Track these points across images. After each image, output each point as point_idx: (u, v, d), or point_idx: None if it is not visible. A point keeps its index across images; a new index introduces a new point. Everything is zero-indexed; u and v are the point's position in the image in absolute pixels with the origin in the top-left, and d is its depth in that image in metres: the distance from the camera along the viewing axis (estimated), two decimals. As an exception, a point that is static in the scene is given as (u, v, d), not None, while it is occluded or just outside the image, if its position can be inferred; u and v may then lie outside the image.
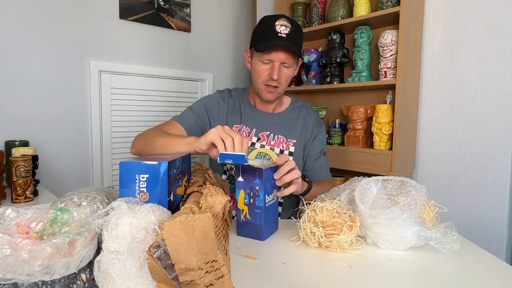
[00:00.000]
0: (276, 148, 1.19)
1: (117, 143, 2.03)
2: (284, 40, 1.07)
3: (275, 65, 1.10)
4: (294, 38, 1.09)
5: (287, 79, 1.15)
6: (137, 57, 2.09)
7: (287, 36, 1.07)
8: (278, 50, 1.08)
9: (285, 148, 1.19)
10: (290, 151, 1.20)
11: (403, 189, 0.82)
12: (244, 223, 0.84)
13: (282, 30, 1.07)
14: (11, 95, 1.68)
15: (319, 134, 1.26)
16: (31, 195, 1.30)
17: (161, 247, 0.45)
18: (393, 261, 0.71)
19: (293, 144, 1.20)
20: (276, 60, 1.09)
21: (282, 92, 1.18)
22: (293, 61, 1.12)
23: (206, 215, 0.48)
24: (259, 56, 1.11)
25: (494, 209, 1.49)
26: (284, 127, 1.21)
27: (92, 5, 1.89)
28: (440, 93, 1.65)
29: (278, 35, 1.07)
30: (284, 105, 1.28)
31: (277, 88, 1.14)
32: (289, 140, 1.20)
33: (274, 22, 1.08)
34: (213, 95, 1.27)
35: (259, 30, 1.13)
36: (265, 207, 0.80)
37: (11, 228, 0.50)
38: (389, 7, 1.63)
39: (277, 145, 1.19)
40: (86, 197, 0.66)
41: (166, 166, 0.64)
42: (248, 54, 1.20)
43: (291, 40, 1.07)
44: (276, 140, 1.20)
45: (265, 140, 1.19)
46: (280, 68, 1.11)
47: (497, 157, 1.48)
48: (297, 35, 1.11)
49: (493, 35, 1.48)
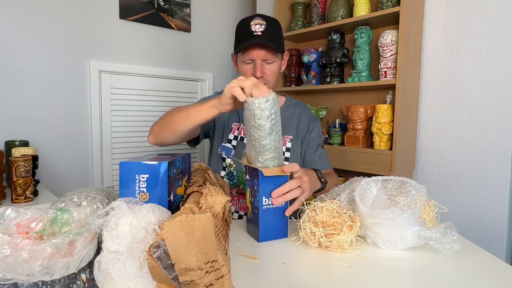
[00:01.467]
0: None
1: (117, 143, 2.04)
2: (260, 37, 1.10)
3: (256, 63, 1.13)
4: (270, 34, 1.12)
5: (273, 74, 1.17)
6: (137, 57, 2.09)
7: (262, 33, 1.10)
8: (256, 48, 1.11)
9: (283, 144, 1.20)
10: (287, 147, 1.21)
11: (403, 189, 0.81)
12: (248, 221, 0.85)
13: (257, 28, 1.11)
14: (11, 95, 1.68)
15: (315, 128, 1.28)
16: (31, 195, 1.30)
17: (161, 247, 0.45)
18: (393, 261, 0.71)
19: (289, 140, 1.22)
20: (257, 58, 1.12)
21: (272, 88, 1.19)
22: (274, 56, 1.14)
23: (206, 215, 0.48)
24: (241, 58, 1.15)
25: (494, 209, 1.49)
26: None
27: (92, 5, 1.89)
28: (440, 93, 1.64)
29: (254, 34, 1.10)
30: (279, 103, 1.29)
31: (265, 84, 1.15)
32: (285, 136, 1.21)
33: (250, 22, 1.12)
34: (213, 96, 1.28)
35: (237, 34, 1.17)
36: (261, 209, 0.79)
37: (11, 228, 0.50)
38: (389, 7, 1.63)
39: None
40: (86, 197, 0.66)
41: (166, 166, 0.64)
42: (234, 58, 1.24)
43: (267, 37, 1.11)
44: None
45: None
46: (263, 65, 1.13)
47: (497, 157, 1.48)
48: (273, 30, 1.13)
49: (493, 35, 1.48)
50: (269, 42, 1.10)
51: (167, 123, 1.03)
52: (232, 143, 1.22)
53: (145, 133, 2.20)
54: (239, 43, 1.13)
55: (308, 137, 1.26)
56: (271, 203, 0.80)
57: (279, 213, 0.82)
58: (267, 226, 0.80)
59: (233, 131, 1.23)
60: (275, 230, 0.82)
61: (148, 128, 2.10)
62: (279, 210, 0.82)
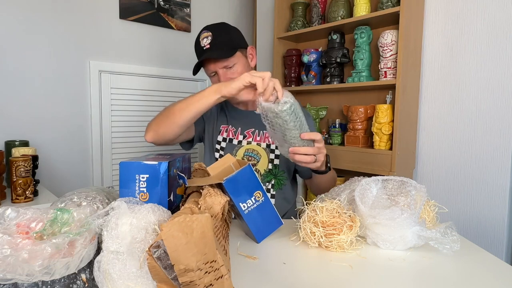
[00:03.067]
0: (262, 143, 1.21)
1: (117, 143, 2.03)
2: (209, 50, 1.12)
3: (218, 73, 1.15)
4: (218, 43, 1.13)
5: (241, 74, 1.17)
6: (137, 57, 2.09)
7: (210, 45, 1.13)
8: (210, 60, 1.14)
9: (271, 142, 1.20)
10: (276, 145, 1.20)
11: (403, 189, 0.81)
12: (242, 226, 0.84)
13: (204, 42, 1.14)
14: (11, 95, 1.68)
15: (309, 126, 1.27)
16: (31, 195, 1.30)
17: (161, 247, 0.45)
18: (393, 261, 0.71)
19: None
20: (216, 69, 1.15)
21: None
22: (232, 59, 1.14)
23: (205, 216, 0.48)
24: (207, 73, 1.19)
25: (494, 209, 1.49)
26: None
27: (92, 5, 1.89)
28: (440, 93, 1.64)
29: (204, 49, 1.13)
30: None
31: None
32: None
33: (199, 38, 1.16)
34: None
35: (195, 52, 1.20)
36: (244, 214, 0.77)
37: (11, 228, 0.50)
38: (389, 7, 1.63)
39: (262, 140, 1.21)
40: (86, 197, 0.66)
41: (166, 166, 0.64)
42: None
43: (214, 46, 1.12)
44: (262, 136, 1.21)
45: (251, 137, 1.22)
46: (225, 73, 1.15)
47: (497, 157, 1.48)
48: (220, 37, 1.14)
49: (493, 35, 1.48)
50: (216, 52, 1.12)
51: (166, 116, 1.03)
52: (221, 144, 1.23)
53: (145, 133, 2.19)
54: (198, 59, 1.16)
55: None
56: (251, 204, 0.78)
57: (262, 208, 0.79)
58: (257, 225, 0.79)
59: (222, 133, 1.24)
60: (268, 224, 0.80)
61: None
62: (261, 206, 0.79)
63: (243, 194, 0.76)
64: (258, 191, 0.79)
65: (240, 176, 0.75)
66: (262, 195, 0.79)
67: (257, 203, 0.78)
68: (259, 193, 0.79)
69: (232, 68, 1.15)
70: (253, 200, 0.78)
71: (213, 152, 1.24)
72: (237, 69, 1.16)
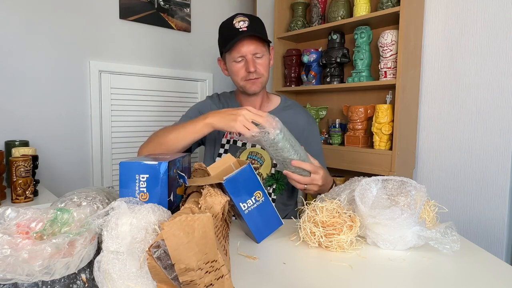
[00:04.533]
0: None
1: (117, 143, 2.03)
2: (246, 32, 1.11)
3: (247, 58, 1.13)
4: (255, 29, 1.12)
5: (266, 68, 1.17)
6: (137, 57, 2.09)
7: (248, 28, 1.11)
8: (244, 43, 1.11)
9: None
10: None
11: (403, 189, 0.81)
12: (243, 226, 0.84)
13: (241, 25, 1.11)
14: (11, 95, 1.68)
15: (310, 134, 1.25)
16: (31, 195, 1.30)
17: (161, 247, 0.45)
18: (393, 261, 0.71)
19: None
20: (247, 53, 1.13)
21: (265, 82, 1.20)
22: (263, 49, 1.15)
23: (206, 215, 0.48)
24: (230, 57, 1.15)
25: (494, 209, 1.49)
26: None
27: (92, 5, 1.89)
28: (440, 93, 1.64)
29: (240, 31, 1.11)
30: (272, 104, 1.28)
31: (258, 78, 1.16)
32: None
33: (232, 21, 1.13)
34: (204, 101, 1.31)
35: (222, 36, 1.18)
36: (244, 214, 0.77)
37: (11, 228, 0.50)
38: (389, 7, 1.63)
39: None
40: (86, 197, 0.66)
41: (166, 166, 0.64)
42: (221, 62, 1.23)
43: (252, 31, 1.11)
44: None
45: None
46: (254, 60, 1.14)
47: (497, 157, 1.48)
48: (257, 25, 1.14)
49: (493, 35, 1.48)
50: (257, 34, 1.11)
51: (160, 144, 1.04)
52: (225, 147, 1.22)
53: (145, 133, 2.19)
54: (227, 41, 1.13)
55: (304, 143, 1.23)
56: (251, 204, 0.78)
57: (262, 208, 0.79)
58: (257, 225, 0.79)
59: (226, 135, 1.24)
60: (268, 224, 0.80)
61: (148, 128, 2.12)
62: (261, 206, 0.79)
63: (243, 194, 0.76)
64: (258, 191, 0.78)
65: (240, 175, 0.75)
66: (262, 195, 0.79)
67: (257, 203, 0.78)
68: (259, 193, 0.79)
69: (260, 59, 1.14)
70: (253, 200, 0.78)
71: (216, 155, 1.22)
72: (264, 61, 1.16)
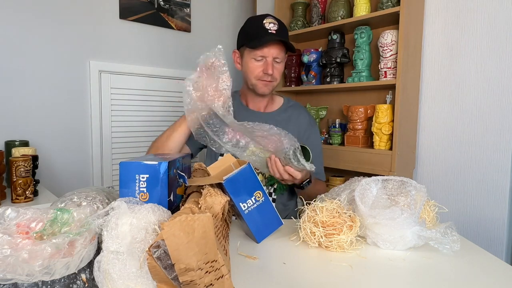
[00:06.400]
0: None
1: (117, 143, 2.03)
2: (275, 35, 1.12)
3: (268, 60, 1.14)
4: (283, 35, 1.14)
5: (280, 73, 1.19)
6: (137, 57, 2.09)
7: (276, 32, 1.12)
8: (271, 45, 1.13)
9: None
10: None
11: (403, 189, 0.81)
12: (243, 225, 0.84)
13: (271, 27, 1.13)
14: (11, 95, 1.68)
15: (311, 135, 1.26)
16: (31, 195, 1.30)
17: (161, 247, 0.45)
18: (393, 261, 0.71)
19: None
20: (269, 56, 1.14)
21: (275, 86, 1.22)
22: (283, 55, 1.17)
23: (206, 215, 0.48)
24: (251, 54, 1.15)
25: (494, 209, 1.49)
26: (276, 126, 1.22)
27: (92, 5, 1.89)
28: (440, 93, 1.64)
29: (269, 32, 1.12)
30: (276, 104, 1.30)
31: (271, 82, 1.18)
32: None
33: (262, 20, 1.14)
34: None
35: (248, 29, 1.18)
36: (244, 214, 0.77)
37: (11, 228, 0.50)
38: (389, 7, 1.63)
39: None
40: (86, 197, 0.66)
41: (166, 166, 0.64)
42: (237, 54, 1.23)
43: (280, 36, 1.13)
44: None
45: None
46: (273, 63, 1.15)
47: (497, 157, 1.48)
48: (284, 31, 1.17)
49: (493, 35, 1.48)
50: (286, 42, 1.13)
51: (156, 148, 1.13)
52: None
53: (145, 133, 2.19)
54: (253, 38, 1.13)
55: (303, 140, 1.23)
56: (251, 204, 0.78)
57: (262, 208, 0.79)
58: (257, 225, 0.79)
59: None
60: (268, 224, 0.81)
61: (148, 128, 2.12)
62: (261, 206, 0.79)
63: (243, 194, 0.76)
64: (258, 191, 0.78)
65: (240, 175, 0.75)
66: (262, 195, 0.79)
67: (257, 203, 0.78)
68: (259, 193, 0.79)
69: (278, 64, 1.16)
70: (253, 200, 0.78)
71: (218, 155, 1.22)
72: (281, 67, 1.18)
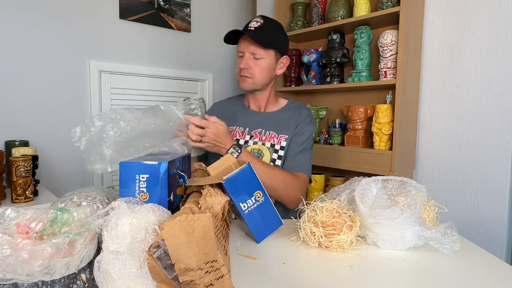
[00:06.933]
0: (266, 142, 1.20)
1: (117, 143, 2.03)
2: (251, 32, 1.14)
3: (245, 56, 1.17)
4: (263, 31, 1.14)
5: (260, 70, 1.18)
6: (137, 57, 2.09)
7: (255, 29, 1.14)
8: (247, 41, 1.15)
9: (276, 143, 1.20)
10: (282, 145, 1.20)
11: (403, 189, 0.81)
12: (243, 225, 0.84)
13: (252, 24, 1.15)
14: (11, 95, 1.68)
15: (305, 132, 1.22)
16: (31, 195, 1.30)
17: (161, 247, 0.45)
18: (393, 261, 0.71)
19: (285, 140, 1.20)
20: (245, 51, 1.16)
21: (258, 84, 1.21)
22: (263, 53, 1.16)
23: (206, 215, 0.48)
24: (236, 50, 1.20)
25: (494, 209, 1.49)
26: (276, 124, 1.23)
27: (92, 5, 1.89)
28: (440, 93, 1.64)
29: (248, 28, 1.14)
30: (278, 105, 1.30)
31: (248, 77, 1.18)
32: (280, 135, 1.21)
33: (250, 21, 1.17)
34: (211, 108, 1.37)
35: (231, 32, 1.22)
36: (244, 214, 0.77)
37: (11, 228, 0.50)
38: (389, 7, 1.63)
39: (268, 139, 1.21)
40: (86, 197, 0.66)
41: (166, 166, 0.64)
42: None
43: (258, 33, 1.13)
44: (268, 135, 1.21)
45: (257, 137, 1.22)
46: (250, 58, 1.16)
47: (497, 157, 1.48)
48: (268, 28, 1.16)
49: (493, 35, 1.48)
50: (255, 37, 1.13)
51: None
52: None
53: (145, 133, 2.17)
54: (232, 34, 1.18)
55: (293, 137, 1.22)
56: (251, 204, 0.77)
57: (262, 208, 0.78)
58: (257, 225, 0.78)
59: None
60: (268, 224, 0.80)
61: (148, 128, 2.04)
62: (261, 206, 0.78)
63: (243, 194, 0.76)
64: (258, 191, 0.78)
65: (240, 175, 0.75)
66: (262, 195, 0.79)
67: (257, 203, 0.78)
68: (259, 193, 0.78)
69: (257, 60, 1.16)
70: (253, 200, 0.77)
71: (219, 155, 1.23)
72: (260, 64, 1.17)
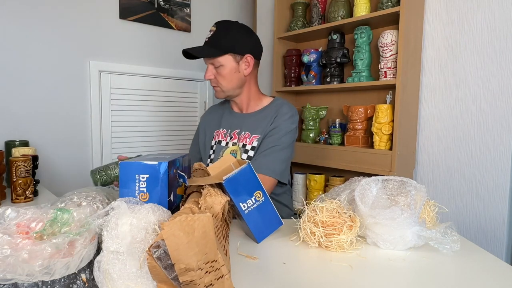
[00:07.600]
0: (240, 142, 1.21)
1: (117, 143, 2.03)
2: (205, 43, 1.17)
3: (208, 67, 1.19)
4: (214, 39, 1.15)
5: (225, 78, 1.18)
6: (137, 57, 2.09)
7: (209, 39, 1.16)
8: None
9: (248, 143, 1.19)
10: (253, 145, 1.17)
11: (403, 189, 0.81)
12: (243, 226, 0.84)
13: (207, 35, 1.17)
14: (11, 95, 1.68)
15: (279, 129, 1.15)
16: (31, 195, 1.30)
17: (161, 247, 0.45)
18: (393, 261, 0.71)
19: (257, 140, 1.17)
20: (206, 63, 1.19)
21: (228, 91, 1.21)
22: (220, 60, 1.15)
23: (206, 215, 0.48)
24: None
25: (494, 209, 1.49)
26: (251, 124, 1.23)
27: (92, 5, 1.89)
28: (440, 93, 1.64)
29: (205, 40, 1.18)
30: (262, 105, 1.27)
31: (216, 87, 1.21)
32: (253, 135, 1.19)
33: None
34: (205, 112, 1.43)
35: None
36: (244, 214, 0.77)
37: (11, 228, 0.50)
38: (389, 7, 1.63)
39: (241, 140, 1.21)
40: (86, 197, 0.66)
41: (166, 166, 0.64)
42: None
43: (209, 42, 1.16)
44: (242, 136, 1.22)
45: (236, 138, 1.24)
46: (212, 69, 1.18)
47: (497, 157, 1.48)
48: (220, 35, 1.15)
49: (493, 35, 1.48)
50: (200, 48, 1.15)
51: None
52: (213, 148, 1.28)
53: (145, 133, 2.19)
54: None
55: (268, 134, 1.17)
56: (251, 204, 0.77)
57: (262, 208, 0.78)
58: (257, 225, 0.78)
59: (214, 138, 1.29)
60: (268, 224, 0.80)
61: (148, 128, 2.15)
62: (261, 206, 0.78)
63: (243, 194, 0.76)
64: (258, 191, 0.78)
65: (240, 175, 0.75)
66: (262, 195, 0.78)
67: (257, 203, 0.78)
68: (259, 193, 0.78)
69: (218, 68, 1.17)
70: (253, 200, 0.77)
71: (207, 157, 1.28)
72: (221, 71, 1.17)
